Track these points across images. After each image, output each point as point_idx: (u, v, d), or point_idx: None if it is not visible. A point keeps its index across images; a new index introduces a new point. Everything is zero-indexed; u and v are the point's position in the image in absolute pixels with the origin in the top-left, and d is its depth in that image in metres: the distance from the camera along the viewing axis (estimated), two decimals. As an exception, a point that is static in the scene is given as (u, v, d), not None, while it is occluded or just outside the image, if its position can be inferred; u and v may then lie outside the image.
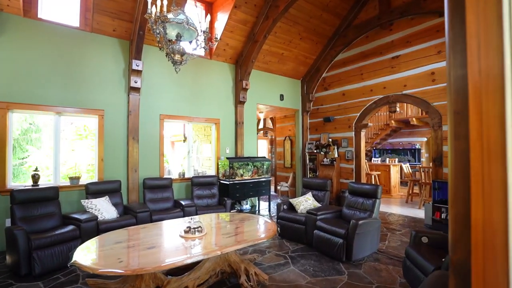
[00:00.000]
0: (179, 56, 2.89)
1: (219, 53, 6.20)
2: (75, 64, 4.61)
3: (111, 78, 4.93)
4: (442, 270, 2.29)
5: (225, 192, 5.72)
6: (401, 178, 8.85)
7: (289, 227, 4.44)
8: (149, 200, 4.93)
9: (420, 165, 6.72)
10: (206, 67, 6.16)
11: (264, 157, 6.63)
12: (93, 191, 4.40)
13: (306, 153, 7.75)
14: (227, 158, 5.99)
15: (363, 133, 6.78)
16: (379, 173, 8.36)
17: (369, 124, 6.79)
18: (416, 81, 5.62)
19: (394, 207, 6.86)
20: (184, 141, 8.01)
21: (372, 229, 3.73)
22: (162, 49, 2.95)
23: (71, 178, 4.54)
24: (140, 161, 5.19)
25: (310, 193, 4.86)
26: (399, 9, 5.72)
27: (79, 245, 2.84)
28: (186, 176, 5.85)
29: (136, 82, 4.95)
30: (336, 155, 7.11)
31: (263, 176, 6.35)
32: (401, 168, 8.49)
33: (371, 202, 4.02)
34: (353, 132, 6.85)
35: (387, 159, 9.85)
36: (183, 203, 4.83)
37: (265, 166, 6.44)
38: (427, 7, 5.29)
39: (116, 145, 4.96)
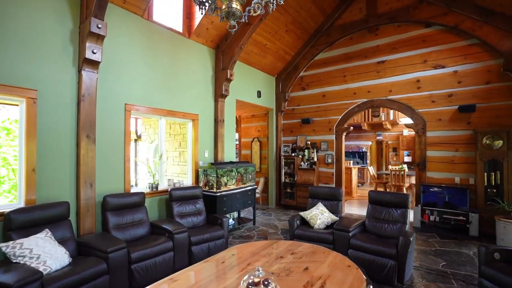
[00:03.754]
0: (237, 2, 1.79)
1: (200, 33, 4.97)
2: (-12, 10, 2.75)
3: (50, 42, 3.19)
4: None
5: (210, 206, 4.56)
6: (362, 179, 9.27)
7: (311, 247, 3.70)
8: (114, 227, 3.39)
9: (393, 168, 7.04)
10: (183, 48, 4.84)
11: (247, 162, 5.69)
12: (22, 224, 2.69)
13: (282, 156, 7.15)
14: (212, 163, 4.82)
15: (344, 137, 6.63)
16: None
17: (351, 128, 6.69)
18: (401, 87, 5.73)
19: (365, 210, 6.93)
20: (136, 140, 6.31)
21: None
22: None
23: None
24: (98, 170, 3.56)
25: (321, 204, 4.26)
26: (387, 14, 5.75)
27: None
28: (161, 188, 4.40)
29: (94, 53, 3.34)
30: (315, 159, 6.76)
31: (248, 184, 5.41)
32: (367, 170, 8.85)
33: (401, 212, 3.69)
34: (334, 135, 6.63)
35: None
36: (167, 227, 3.50)
37: (249, 172, 5.52)
38: (416, 16, 5.44)
39: (58, 147, 3.23)
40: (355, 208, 6.94)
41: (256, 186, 5.66)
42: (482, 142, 4.73)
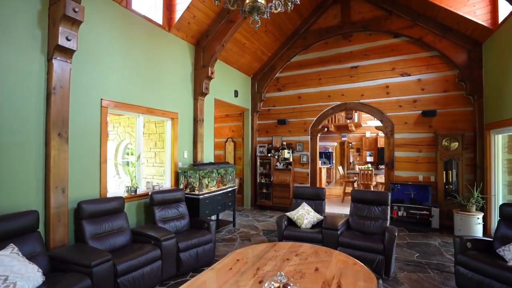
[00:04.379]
0: None
1: (180, 27, 4.71)
2: None
3: (11, 23, 2.73)
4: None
5: (193, 209, 4.34)
6: (329, 178, 9.70)
7: (301, 247, 3.74)
8: (92, 236, 3.03)
9: (362, 168, 7.50)
10: (163, 42, 4.54)
11: (227, 162, 5.56)
12: (-17, 237, 2.25)
13: (257, 157, 7.14)
14: (193, 164, 4.60)
15: (318, 138, 6.86)
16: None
17: (325, 129, 6.93)
18: (372, 92, 6.13)
19: (336, 207, 7.28)
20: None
21: (395, 239, 3.61)
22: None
23: None
24: (71, 173, 3.15)
25: (306, 204, 4.34)
26: (360, 23, 6.10)
27: None
28: (140, 191, 4.06)
29: (69, 40, 2.95)
30: (291, 159, 6.88)
31: (228, 185, 5.29)
32: (332, 170, 9.26)
33: (381, 209, 3.93)
34: (309, 136, 6.83)
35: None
36: (153, 234, 3.24)
37: (229, 173, 5.40)
38: (386, 27, 5.86)
39: (23, 147, 2.78)
40: (326, 207, 7.19)
41: (236, 187, 5.55)
42: (442, 144, 5.28)
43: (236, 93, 6.63)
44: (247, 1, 1.76)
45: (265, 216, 6.34)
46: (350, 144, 13.21)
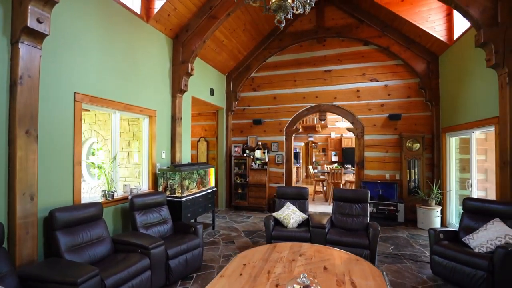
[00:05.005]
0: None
1: (160, 18, 4.40)
2: None
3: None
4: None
5: (174, 212, 4.10)
6: (297, 177, 9.95)
7: (290, 246, 3.78)
8: (68, 249, 2.67)
9: (332, 167, 7.85)
10: (141, 34, 4.20)
11: (206, 163, 5.37)
12: None
13: (233, 157, 7.04)
14: (174, 165, 4.34)
15: (293, 138, 7.02)
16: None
17: (300, 129, 7.12)
18: (344, 95, 6.47)
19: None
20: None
21: (376, 234, 3.86)
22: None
23: None
24: (41, 178, 2.73)
25: (290, 204, 4.40)
26: (334, 29, 6.39)
27: None
28: (117, 195, 3.68)
29: (40, 22, 2.55)
30: (266, 159, 6.92)
31: (208, 187, 5.11)
32: (303, 169, 9.53)
33: (361, 206, 4.16)
34: (284, 137, 6.95)
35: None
36: (139, 242, 2.98)
37: (208, 174, 5.22)
38: (357, 34, 6.23)
39: (-17, 146, 2.34)
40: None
41: (216, 188, 5.39)
42: (406, 145, 5.80)
43: (212, 91, 6.45)
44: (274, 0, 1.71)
45: (242, 217, 6.27)
46: (313, 145, 13.80)
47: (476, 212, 3.49)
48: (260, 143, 7.07)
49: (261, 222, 5.82)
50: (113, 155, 3.78)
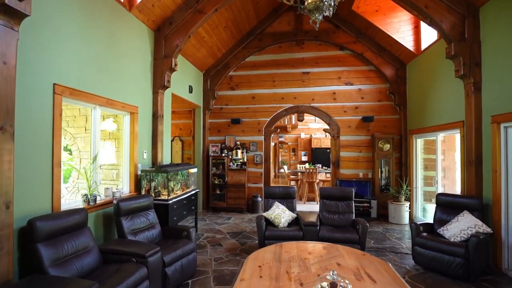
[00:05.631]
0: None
1: (143, 8, 4.10)
2: None
3: None
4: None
5: (160, 216, 3.85)
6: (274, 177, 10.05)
7: (283, 245, 3.80)
8: (53, 263, 2.34)
9: (308, 167, 8.08)
10: (123, 23, 3.87)
11: (189, 163, 5.15)
12: None
13: (210, 157, 6.85)
14: (160, 166, 4.07)
15: (272, 138, 7.08)
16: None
17: (278, 129, 7.19)
18: (321, 97, 6.73)
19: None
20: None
21: (361, 229, 4.08)
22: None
23: None
24: (18, 182, 2.35)
25: (279, 203, 4.43)
26: (312, 32, 6.60)
27: None
28: (100, 200, 3.32)
29: (21, 0, 2.20)
30: (245, 159, 6.88)
31: (191, 188, 4.91)
32: (273, 168, 9.64)
33: (346, 203, 4.37)
34: (263, 136, 6.98)
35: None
36: (134, 251, 2.74)
37: (192, 175, 5.01)
38: (334, 39, 6.53)
39: None
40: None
41: (198, 190, 5.19)
42: (378, 145, 6.24)
43: (190, 89, 6.20)
44: (310, 0, 1.69)
45: (222, 218, 6.14)
46: (280, 145, 14.12)
47: (448, 206, 3.90)
48: (238, 142, 6.99)
49: (243, 223, 5.77)
50: (93, 155, 3.40)
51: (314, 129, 11.76)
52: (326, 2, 1.72)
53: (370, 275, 2.11)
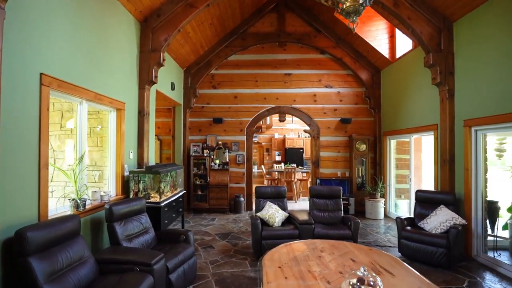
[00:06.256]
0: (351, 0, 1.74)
1: (132, -3, 3.81)
2: None
3: None
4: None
5: (152, 220, 3.62)
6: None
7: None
8: (48, 279, 2.05)
9: (286, 166, 8.19)
10: (111, 12, 3.56)
11: (175, 164, 4.92)
12: None
13: (191, 157, 6.62)
14: (149, 166, 3.82)
15: (253, 138, 7.07)
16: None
17: (260, 129, 7.21)
18: (303, 98, 6.91)
19: (263, 204, 7.72)
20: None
21: (351, 225, 4.27)
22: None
23: None
24: (1, 186, 2.03)
25: (271, 203, 4.45)
26: (294, 35, 6.75)
27: None
28: (90, 204, 2.99)
29: (11, -21, 1.91)
30: (227, 159, 6.78)
31: (179, 189, 4.70)
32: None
33: (335, 201, 4.55)
34: (245, 136, 6.94)
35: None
36: (138, 259, 2.53)
37: (179, 175, 4.80)
38: (315, 43, 6.76)
39: None
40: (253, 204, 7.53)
41: (185, 191, 4.97)
42: (355, 146, 6.60)
43: (173, 86, 5.93)
44: (349, 3, 1.72)
45: (206, 219, 5.98)
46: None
47: (426, 201, 4.27)
48: (220, 142, 6.86)
49: (229, 223, 5.68)
50: (79, 154, 3.07)
51: (288, 130, 12.02)
52: (364, 5, 1.77)
53: (386, 268, 2.23)
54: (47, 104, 2.48)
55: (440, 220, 3.87)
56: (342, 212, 4.47)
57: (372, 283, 1.82)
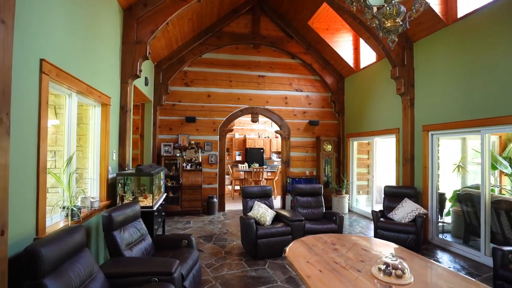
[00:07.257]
0: (391, 21, 1.97)
1: (120, -19, 3.46)
2: None
3: None
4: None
5: (147, 226, 3.36)
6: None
7: (274, 242, 3.94)
8: (66, 296, 1.79)
9: (254, 166, 8.27)
10: (100, -6, 3.18)
11: (159, 165, 4.60)
12: None
13: (162, 157, 6.24)
14: (139, 168, 3.53)
15: (227, 138, 7.01)
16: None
17: (233, 129, 7.18)
18: (275, 100, 7.15)
19: (232, 204, 7.73)
20: None
21: (332, 220, 4.64)
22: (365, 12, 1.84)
23: None
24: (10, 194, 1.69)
25: (259, 202, 4.54)
26: (268, 38, 6.95)
27: None
28: (82, 211, 2.61)
29: None
30: (200, 159, 6.60)
31: (163, 192, 4.42)
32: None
33: (317, 198, 4.89)
34: (218, 136, 6.85)
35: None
36: (155, 270, 2.36)
37: (162, 178, 4.52)
38: (287, 48, 7.07)
39: None
40: (231, 204, 7.47)
41: (166, 193, 4.68)
42: (322, 146, 7.13)
43: (146, 81, 5.51)
44: (389, 24, 1.90)
45: (180, 222, 5.72)
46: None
47: (392, 195, 4.90)
48: (192, 142, 6.63)
49: (206, 225, 5.55)
50: (67, 156, 2.68)
51: (248, 130, 12.19)
52: (403, 26, 2.00)
53: (401, 256, 2.54)
54: (47, 96, 2.13)
55: (407, 210, 4.50)
56: (324, 208, 4.82)
57: (399, 266, 2.08)
